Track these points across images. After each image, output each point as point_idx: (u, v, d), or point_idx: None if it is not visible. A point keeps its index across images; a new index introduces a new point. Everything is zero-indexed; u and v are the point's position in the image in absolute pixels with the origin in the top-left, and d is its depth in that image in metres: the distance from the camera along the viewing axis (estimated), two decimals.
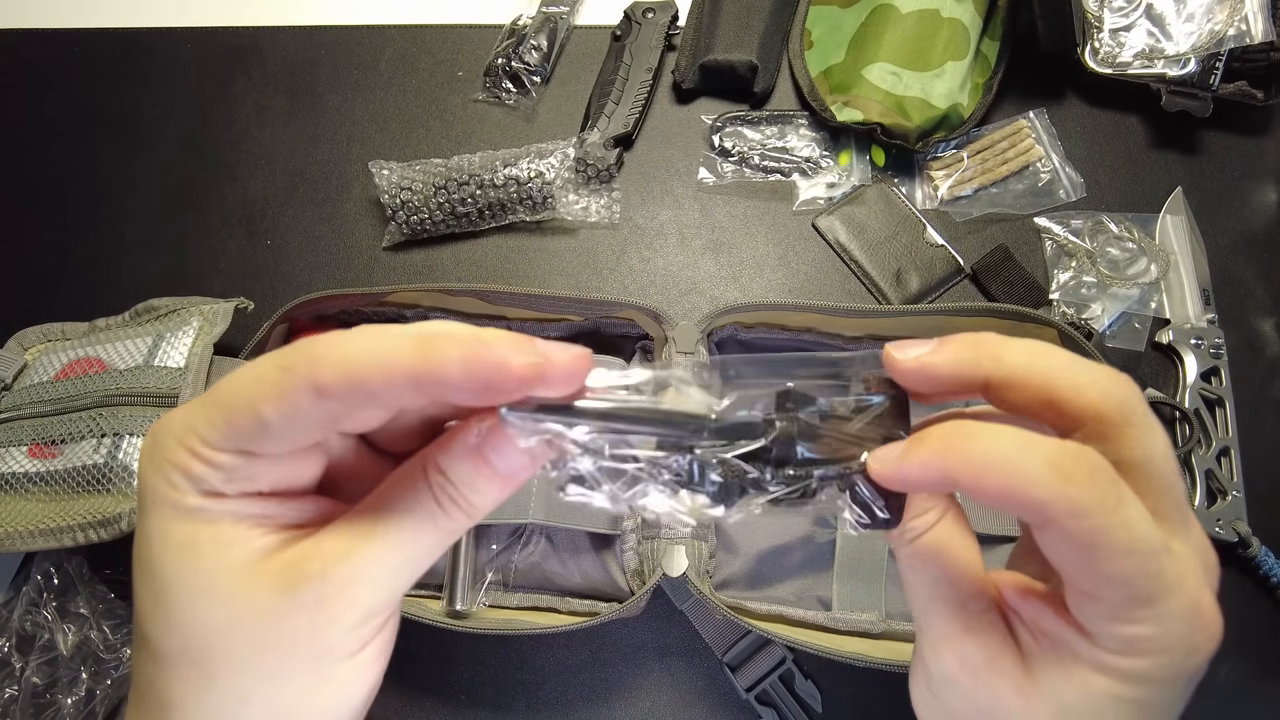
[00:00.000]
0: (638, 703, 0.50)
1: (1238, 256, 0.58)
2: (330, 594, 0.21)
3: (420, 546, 0.22)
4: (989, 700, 0.23)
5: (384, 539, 0.21)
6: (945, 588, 0.24)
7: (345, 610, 0.21)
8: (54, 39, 0.69)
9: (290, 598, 0.21)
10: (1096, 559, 0.20)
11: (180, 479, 0.21)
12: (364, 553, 0.21)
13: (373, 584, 0.21)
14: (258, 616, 0.21)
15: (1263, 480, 0.52)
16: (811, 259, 0.59)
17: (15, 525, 0.45)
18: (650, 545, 0.46)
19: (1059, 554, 0.21)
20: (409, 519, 0.22)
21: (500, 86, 0.64)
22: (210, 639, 0.21)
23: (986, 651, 0.23)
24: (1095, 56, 0.58)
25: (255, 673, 0.21)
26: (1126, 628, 0.21)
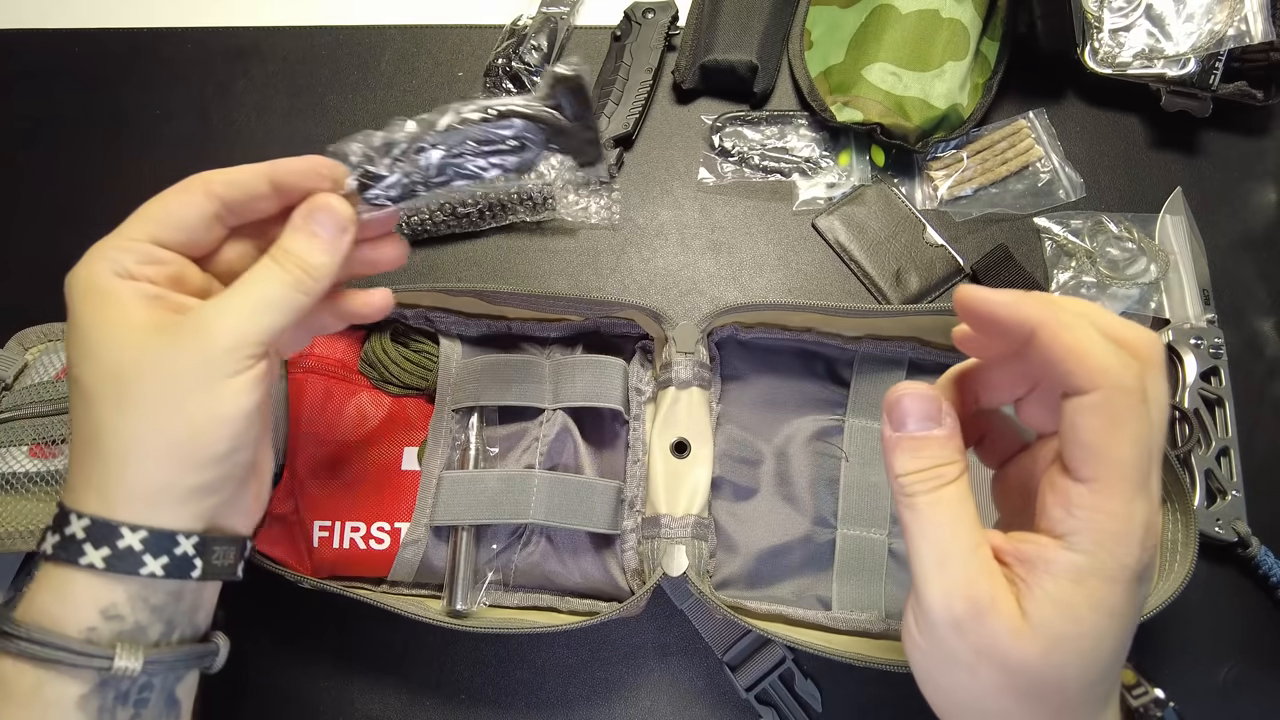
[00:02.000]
0: (638, 702, 0.50)
1: (1237, 256, 0.58)
2: (204, 325, 0.29)
3: (271, 292, 0.31)
4: (988, 641, 0.26)
5: (242, 289, 0.31)
6: (964, 533, 0.27)
7: (218, 337, 0.29)
8: (54, 39, 0.69)
9: (177, 332, 0.29)
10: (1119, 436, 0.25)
11: (102, 265, 0.30)
12: (232, 299, 0.30)
13: (235, 317, 0.30)
14: (155, 350, 0.29)
15: (1262, 480, 0.52)
16: (811, 259, 0.59)
17: (15, 525, 0.45)
18: (650, 545, 0.46)
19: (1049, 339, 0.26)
20: (262, 278, 0.31)
21: (500, 87, 0.64)
22: (123, 371, 0.29)
23: (993, 591, 0.26)
24: (1095, 56, 0.58)
25: (158, 391, 0.29)
26: (1097, 514, 0.25)
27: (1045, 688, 0.26)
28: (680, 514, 0.47)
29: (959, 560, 0.26)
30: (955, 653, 0.26)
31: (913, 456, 0.28)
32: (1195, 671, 0.49)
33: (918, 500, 0.27)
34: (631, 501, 0.48)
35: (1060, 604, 0.25)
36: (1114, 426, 0.25)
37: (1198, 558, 0.43)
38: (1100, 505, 0.25)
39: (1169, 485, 0.45)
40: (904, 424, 0.28)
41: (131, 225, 0.32)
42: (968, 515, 0.27)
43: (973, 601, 0.26)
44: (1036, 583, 0.26)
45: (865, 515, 0.48)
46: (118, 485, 0.29)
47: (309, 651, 0.51)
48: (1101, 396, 0.25)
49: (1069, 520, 0.26)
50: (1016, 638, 0.25)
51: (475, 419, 0.50)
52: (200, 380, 0.29)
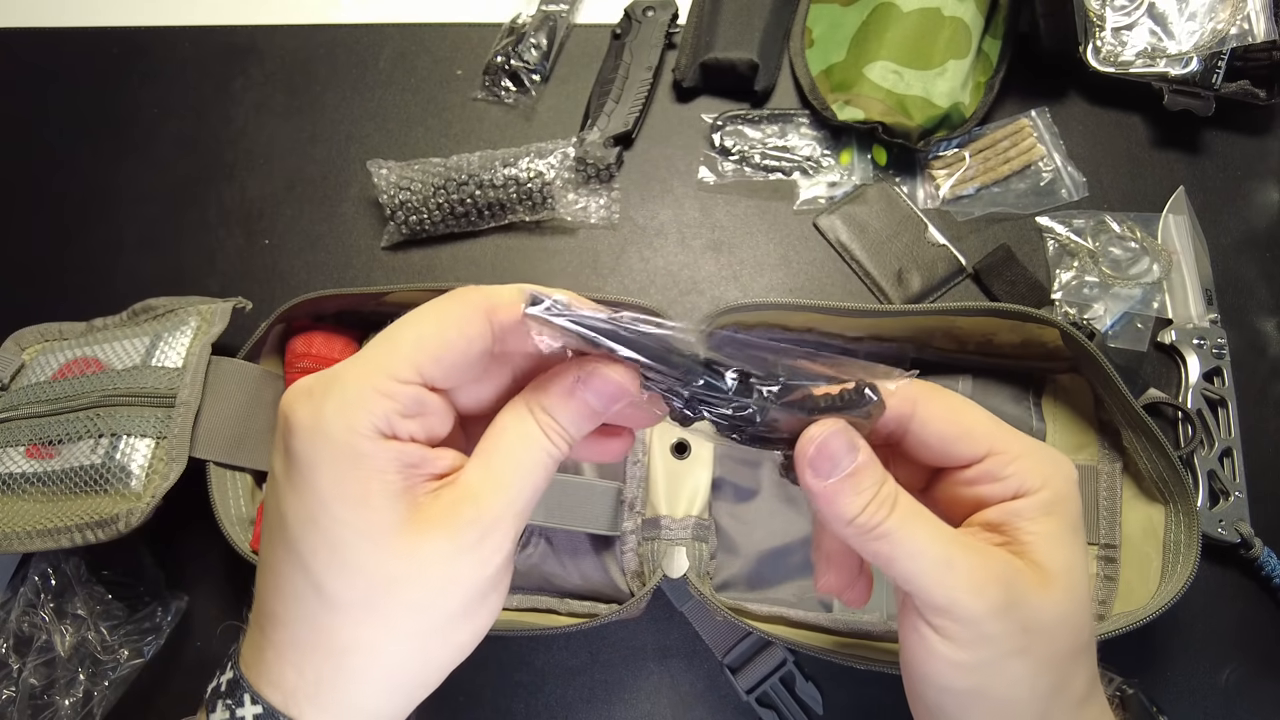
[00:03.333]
0: (637, 704, 0.49)
1: (1240, 256, 0.58)
2: (488, 532, 0.24)
3: (541, 476, 0.26)
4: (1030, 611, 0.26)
5: (515, 475, 0.25)
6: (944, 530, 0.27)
7: (503, 542, 0.25)
8: (52, 38, 0.68)
9: (458, 541, 0.24)
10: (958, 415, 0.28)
11: (365, 418, 0.23)
12: (506, 490, 0.25)
13: (515, 516, 0.25)
14: (434, 563, 0.24)
15: (1265, 481, 0.52)
16: (812, 258, 0.59)
17: (13, 526, 0.45)
18: (650, 546, 0.46)
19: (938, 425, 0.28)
20: (529, 455, 0.25)
21: (499, 85, 0.64)
22: (391, 587, 0.24)
23: (1009, 563, 0.26)
24: (1097, 55, 0.58)
25: (433, 612, 0.24)
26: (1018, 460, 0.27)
27: (1077, 636, 0.27)
28: (680, 515, 0.47)
29: (963, 553, 0.26)
30: (1005, 641, 0.25)
31: (856, 494, 0.26)
32: (1197, 672, 0.49)
33: (887, 525, 0.26)
34: (631, 503, 0.48)
35: (1051, 538, 0.27)
36: (957, 411, 0.28)
37: (1200, 559, 0.43)
38: (1016, 455, 0.27)
39: (1172, 486, 0.45)
40: (828, 470, 0.26)
41: (399, 357, 0.24)
42: (929, 514, 0.27)
43: (1001, 580, 0.26)
44: (1022, 533, 0.27)
45: None
46: (295, 676, 0.25)
47: None
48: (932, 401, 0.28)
49: (1007, 483, 0.27)
50: (1045, 589, 0.26)
51: None
52: (477, 594, 0.25)
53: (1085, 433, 0.49)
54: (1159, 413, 0.54)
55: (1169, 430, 0.53)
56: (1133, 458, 0.47)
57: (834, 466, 0.26)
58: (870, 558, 0.27)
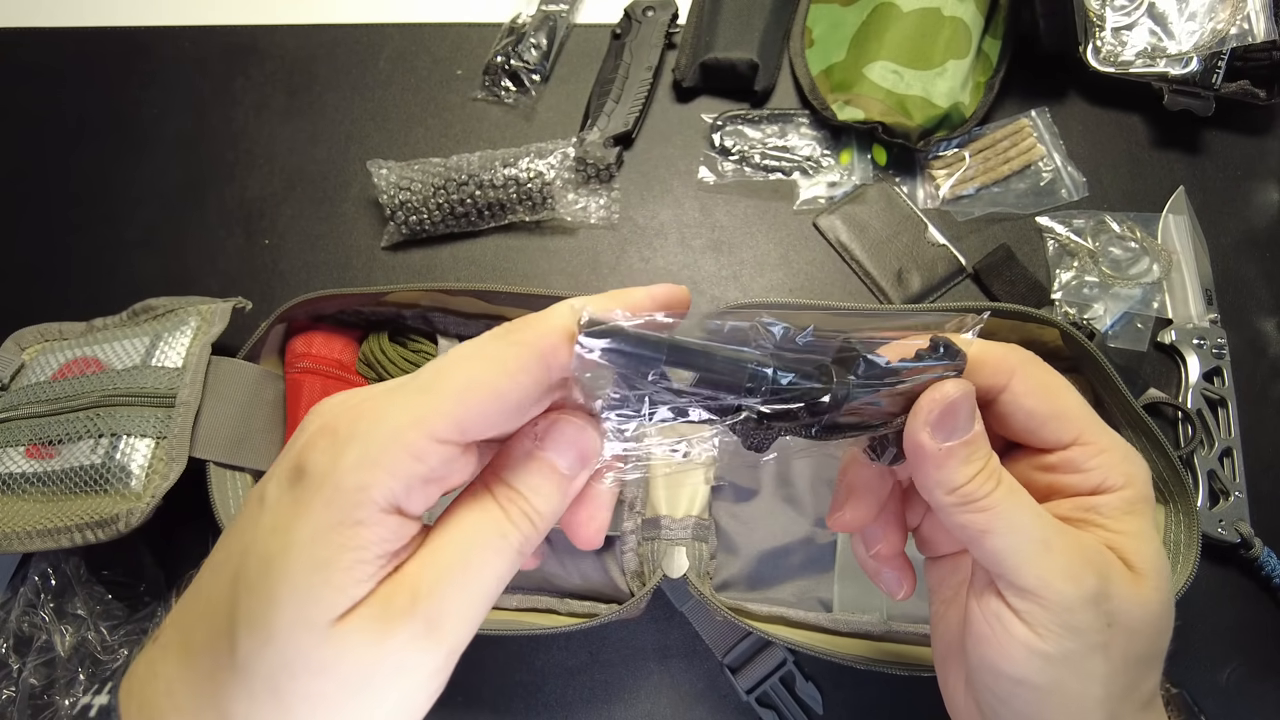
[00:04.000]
0: (637, 704, 0.49)
1: (1240, 256, 0.58)
2: (411, 650, 0.21)
3: (494, 579, 0.22)
4: (1121, 603, 0.25)
5: (461, 582, 0.22)
6: (1045, 512, 0.26)
7: (421, 665, 0.21)
8: (51, 38, 0.68)
9: (377, 649, 0.21)
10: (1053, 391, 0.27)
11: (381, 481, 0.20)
12: (443, 600, 0.21)
13: (449, 636, 0.22)
14: (343, 663, 0.20)
15: (1265, 481, 0.52)
16: (812, 258, 0.59)
17: (12, 526, 0.45)
18: (650, 546, 0.46)
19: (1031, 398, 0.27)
20: (482, 554, 0.22)
21: (499, 85, 0.64)
22: (296, 672, 0.20)
23: (1104, 554, 0.25)
24: (1097, 55, 0.58)
25: (326, 714, 0.21)
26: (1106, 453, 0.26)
27: (1159, 638, 0.26)
28: (680, 515, 0.47)
29: (1061, 537, 0.25)
30: (1090, 634, 0.24)
31: (967, 462, 0.25)
32: (1198, 672, 0.49)
33: (994, 498, 0.25)
34: (631, 503, 0.48)
35: (1138, 536, 0.26)
36: (1055, 389, 0.27)
37: (1200, 559, 0.43)
38: (1104, 448, 0.26)
39: (1172, 485, 0.45)
40: (949, 432, 0.25)
41: (441, 412, 0.21)
42: (1029, 496, 0.26)
43: (1097, 568, 0.25)
44: (1109, 528, 0.26)
45: None
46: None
47: None
48: (1034, 373, 0.27)
49: (1090, 475, 0.26)
50: (1135, 585, 0.25)
51: None
52: (398, 693, 0.21)
53: None
54: (1159, 413, 0.54)
55: (1169, 430, 0.53)
56: None
57: (954, 429, 0.25)
58: (960, 529, 0.25)
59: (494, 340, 0.22)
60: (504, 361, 0.21)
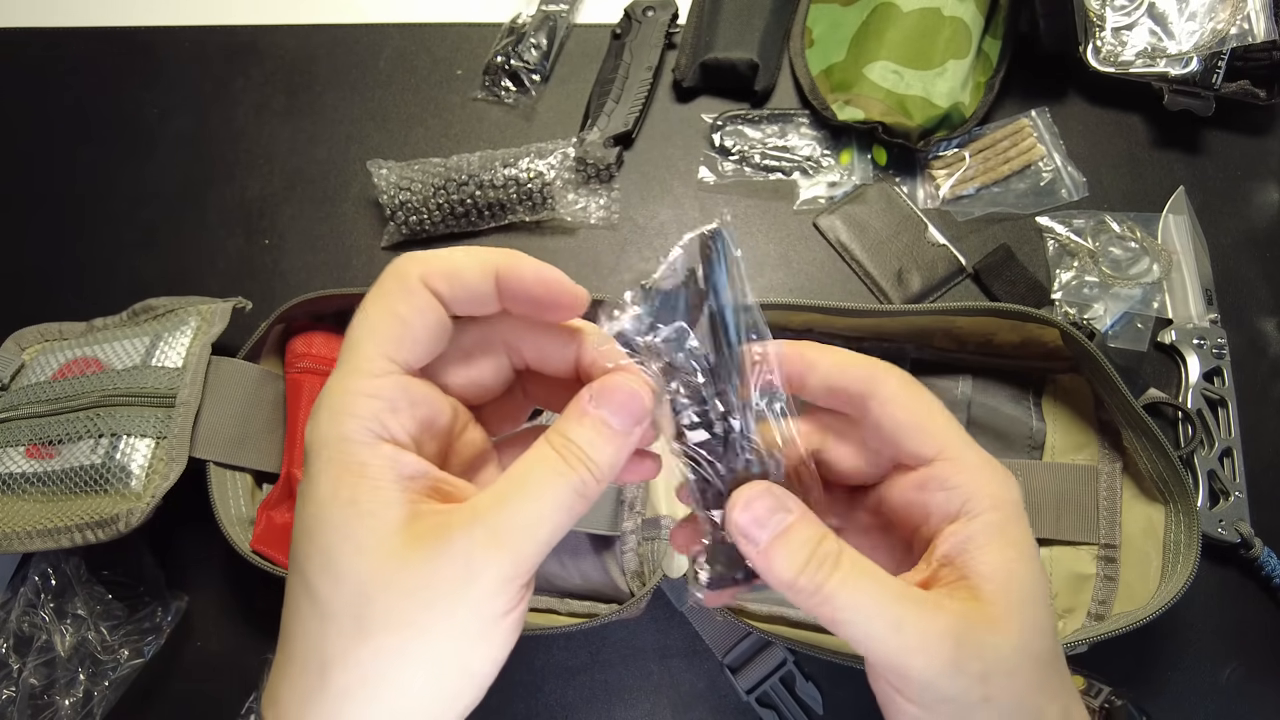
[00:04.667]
0: (637, 704, 0.49)
1: (1240, 256, 0.58)
2: (476, 553, 0.22)
3: (551, 503, 0.24)
4: (985, 656, 0.24)
5: (520, 498, 0.23)
6: (888, 586, 0.25)
7: (488, 567, 0.22)
8: (52, 38, 0.68)
9: (440, 555, 0.22)
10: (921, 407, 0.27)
11: (354, 423, 0.23)
12: (503, 511, 0.23)
13: (512, 544, 0.23)
14: (410, 573, 0.22)
15: (1265, 481, 0.52)
16: (812, 258, 0.59)
17: (13, 526, 0.45)
18: (650, 546, 0.46)
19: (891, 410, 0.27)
20: (540, 480, 0.24)
21: (499, 85, 0.64)
22: (371, 594, 0.22)
23: (957, 614, 0.25)
24: (1097, 55, 0.58)
25: (409, 629, 0.22)
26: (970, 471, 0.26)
27: (1038, 666, 0.25)
28: (680, 515, 0.46)
29: (912, 611, 0.24)
30: (966, 695, 0.24)
31: (790, 554, 0.25)
32: (1198, 672, 0.49)
33: (829, 589, 0.24)
34: (631, 503, 0.48)
35: (1001, 568, 0.25)
36: (917, 401, 0.27)
37: (1200, 559, 0.43)
38: (968, 465, 0.26)
39: (1172, 485, 0.45)
40: (759, 535, 0.25)
41: (363, 353, 0.24)
42: (875, 569, 0.25)
43: (951, 635, 0.24)
44: (974, 566, 0.25)
45: None
46: (313, 715, 0.23)
47: None
48: (893, 386, 0.27)
49: (952, 494, 0.26)
50: (996, 628, 0.24)
51: None
52: (459, 620, 0.22)
53: (1085, 433, 0.49)
54: (1159, 413, 0.54)
55: (1169, 430, 0.53)
56: (1133, 458, 0.47)
57: (757, 536, 0.25)
58: (822, 622, 0.25)
59: (382, 280, 0.25)
60: (391, 294, 0.25)
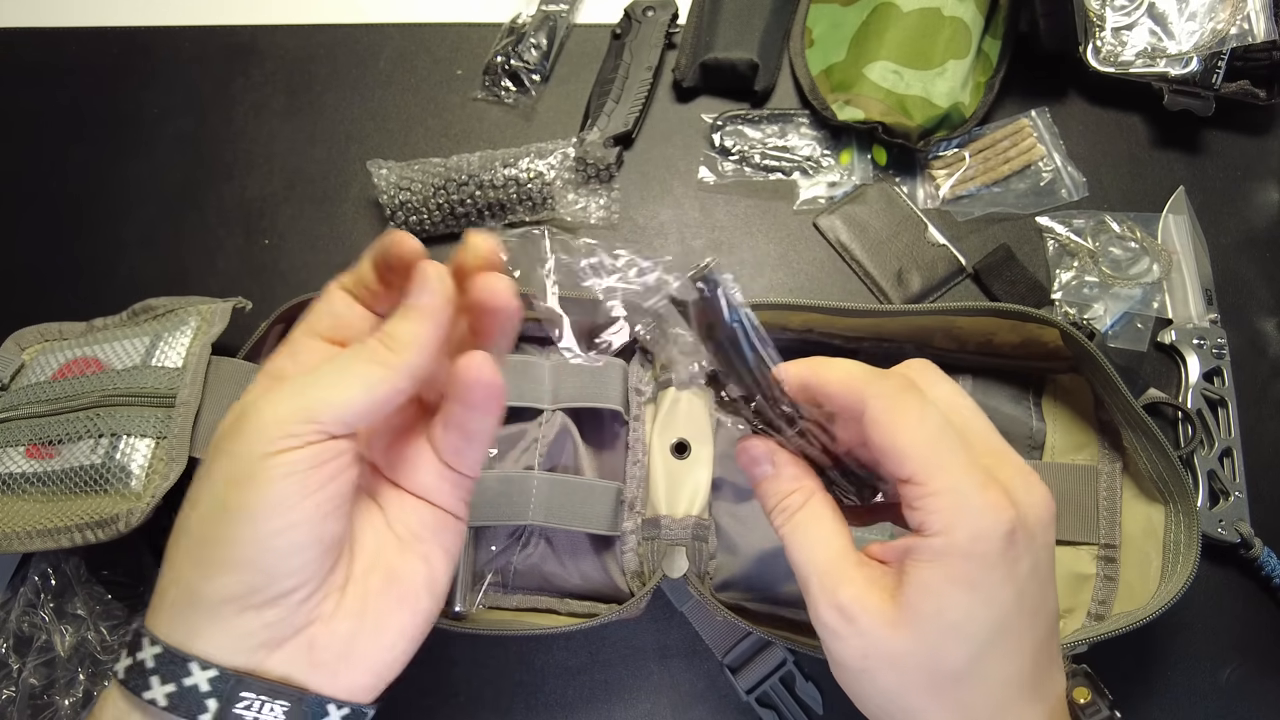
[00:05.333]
0: (637, 704, 0.49)
1: (1241, 256, 0.58)
2: (255, 398, 0.26)
3: (339, 364, 0.27)
4: (868, 641, 0.27)
5: (319, 369, 0.27)
6: (823, 548, 0.29)
7: (266, 411, 0.25)
8: (51, 38, 0.68)
9: (243, 414, 0.26)
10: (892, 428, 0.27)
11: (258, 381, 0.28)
12: (299, 377, 0.27)
13: (291, 390, 0.26)
14: (225, 435, 0.26)
15: (1265, 481, 0.52)
16: (812, 258, 0.59)
17: (12, 526, 0.45)
18: (650, 546, 0.46)
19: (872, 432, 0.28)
20: (337, 357, 0.28)
21: (499, 85, 0.64)
22: (210, 468, 0.26)
23: (856, 594, 0.28)
24: (1097, 55, 0.58)
25: (210, 484, 0.26)
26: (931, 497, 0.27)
27: (938, 675, 0.27)
28: (680, 515, 0.47)
29: (820, 574, 0.29)
30: (849, 660, 0.28)
31: (764, 497, 0.31)
32: (1198, 673, 0.49)
33: (782, 531, 0.30)
34: (631, 503, 0.48)
35: (922, 586, 0.27)
36: (894, 423, 0.27)
37: (1200, 559, 0.43)
38: (931, 491, 0.27)
39: (1172, 486, 0.45)
40: (750, 473, 0.32)
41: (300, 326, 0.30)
42: (825, 531, 0.30)
43: (839, 608, 0.28)
44: (908, 570, 0.27)
45: None
46: (162, 591, 0.26)
47: None
48: (876, 405, 0.28)
49: (915, 514, 0.27)
50: (892, 627, 0.27)
51: None
52: (235, 469, 0.25)
53: (1085, 432, 0.49)
54: (1159, 413, 0.54)
55: (1169, 430, 0.53)
56: (1133, 458, 0.47)
57: (751, 471, 0.32)
58: None
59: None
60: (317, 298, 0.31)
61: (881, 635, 0.27)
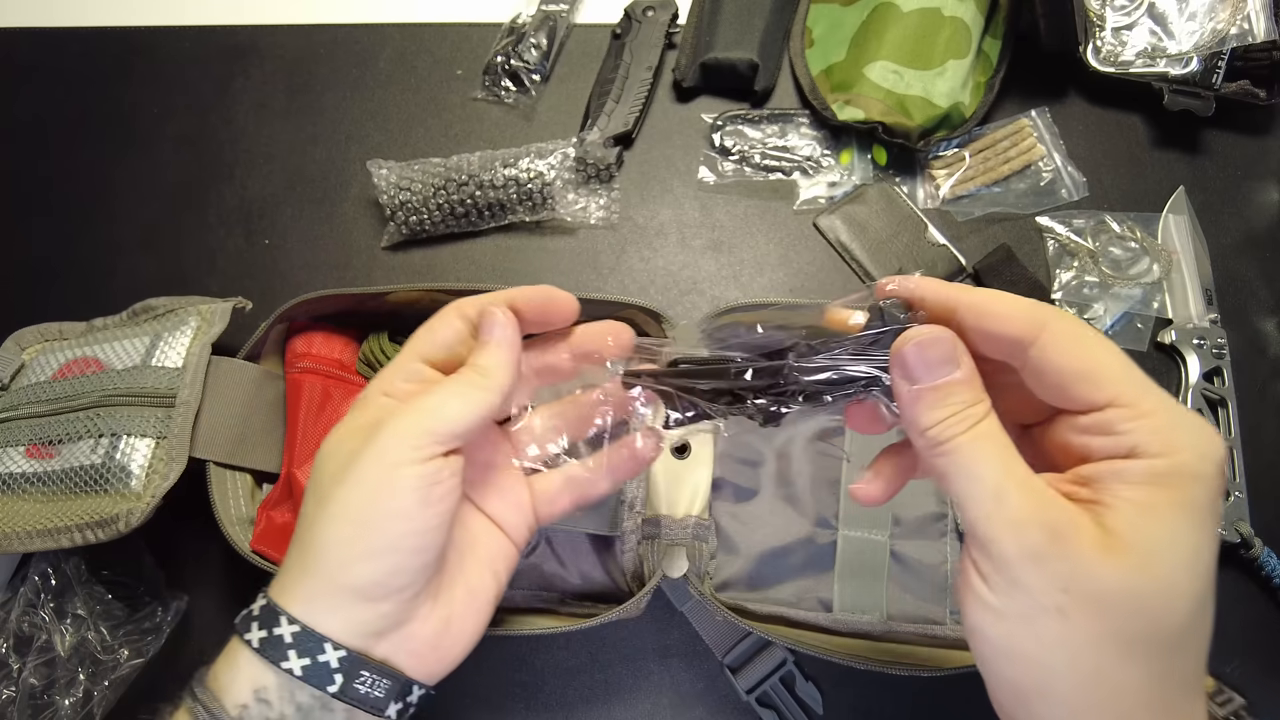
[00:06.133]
0: (637, 704, 0.49)
1: (1240, 256, 0.58)
2: (385, 421, 0.30)
3: (450, 390, 0.31)
4: (1075, 566, 0.23)
5: (427, 393, 0.31)
6: (1014, 464, 0.25)
7: (395, 429, 0.30)
8: (51, 38, 0.68)
9: (370, 430, 0.30)
10: (1085, 349, 0.25)
11: (376, 384, 0.33)
12: (413, 399, 0.31)
13: (413, 412, 0.30)
14: (355, 447, 0.30)
15: (1265, 481, 0.52)
16: (812, 258, 0.59)
17: (13, 526, 0.45)
18: (650, 546, 0.46)
19: (1059, 357, 0.25)
20: (445, 381, 0.32)
21: (499, 85, 0.64)
22: (328, 470, 0.31)
23: (1069, 514, 0.24)
24: (1097, 55, 0.58)
25: (344, 487, 0.29)
26: (1145, 418, 0.24)
27: (1148, 623, 0.23)
28: (680, 515, 0.47)
29: (1019, 489, 0.24)
30: (1039, 595, 0.23)
31: (937, 406, 0.26)
32: None
33: (956, 442, 0.25)
34: (631, 503, 0.48)
35: (1145, 508, 0.23)
36: (1086, 348, 0.25)
37: None
38: (1144, 412, 0.24)
39: None
40: (918, 375, 0.26)
41: (404, 350, 0.34)
42: (1010, 447, 0.25)
43: (1049, 525, 0.23)
44: (1113, 495, 0.24)
45: (867, 516, 0.48)
46: (293, 574, 0.30)
47: None
48: (1062, 329, 0.25)
49: (1123, 438, 0.24)
50: (1107, 554, 0.23)
51: None
52: (372, 475, 0.29)
53: None
54: None
55: None
56: None
57: (920, 373, 0.26)
58: (933, 474, 0.26)
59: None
60: (435, 318, 0.34)
61: (1096, 561, 0.23)
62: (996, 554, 0.24)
